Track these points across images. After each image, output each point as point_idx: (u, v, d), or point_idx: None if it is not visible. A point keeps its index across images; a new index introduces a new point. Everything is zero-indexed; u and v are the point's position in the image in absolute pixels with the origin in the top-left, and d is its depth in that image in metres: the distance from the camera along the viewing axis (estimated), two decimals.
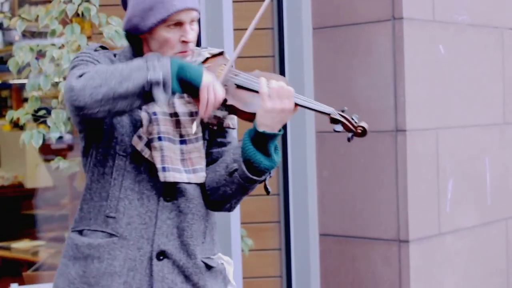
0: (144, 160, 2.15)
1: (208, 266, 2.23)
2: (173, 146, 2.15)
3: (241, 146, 2.14)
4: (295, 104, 2.11)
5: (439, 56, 4.03)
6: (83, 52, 2.20)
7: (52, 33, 3.38)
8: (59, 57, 3.29)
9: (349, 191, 4.04)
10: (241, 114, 2.15)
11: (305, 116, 4.02)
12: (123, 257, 2.14)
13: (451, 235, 4.07)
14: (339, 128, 2.14)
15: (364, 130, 2.14)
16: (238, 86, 2.15)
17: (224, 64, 2.19)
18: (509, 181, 4.49)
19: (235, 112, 2.16)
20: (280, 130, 2.11)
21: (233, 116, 2.23)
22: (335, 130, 2.14)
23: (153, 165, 2.14)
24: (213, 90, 2.04)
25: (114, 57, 2.23)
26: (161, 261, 2.16)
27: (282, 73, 4.06)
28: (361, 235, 4.00)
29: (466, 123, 4.18)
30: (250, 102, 2.13)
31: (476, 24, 4.24)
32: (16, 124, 4.06)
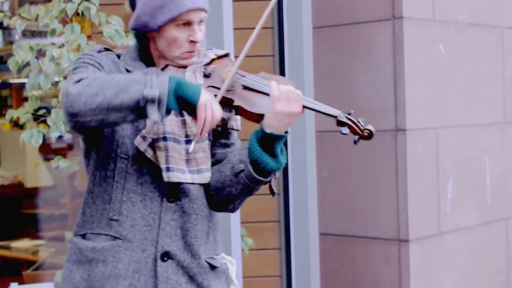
0: (147, 162, 2.15)
1: (212, 266, 2.23)
2: (178, 146, 2.15)
3: (247, 147, 2.15)
4: (303, 106, 2.12)
5: (439, 56, 4.03)
6: (85, 54, 2.19)
7: (52, 32, 3.37)
8: (59, 56, 3.28)
9: (349, 191, 4.04)
10: (248, 114, 2.16)
11: (305, 116, 3.99)
12: (128, 259, 2.14)
13: (451, 235, 4.07)
14: (345, 130, 2.15)
15: (370, 133, 2.15)
16: (245, 87, 2.16)
17: (230, 65, 2.20)
18: (509, 181, 4.49)
19: (241, 112, 2.17)
20: (286, 132, 2.13)
21: (237, 118, 2.23)
22: (342, 133, 2.15)
23: (156, 166, 2.14)
24: (211, 108, 2.03)
25: (118, 58, 2.22)
26: (165, 262, 2.16)
27: (282, 72, 4.06)
28: (361, 234, 4.00)
29: (466, 123, 4.18)
30: (256, 103, 2.14)
31: (476, 23, 4.24)
32: (16, 124, 4.06)
